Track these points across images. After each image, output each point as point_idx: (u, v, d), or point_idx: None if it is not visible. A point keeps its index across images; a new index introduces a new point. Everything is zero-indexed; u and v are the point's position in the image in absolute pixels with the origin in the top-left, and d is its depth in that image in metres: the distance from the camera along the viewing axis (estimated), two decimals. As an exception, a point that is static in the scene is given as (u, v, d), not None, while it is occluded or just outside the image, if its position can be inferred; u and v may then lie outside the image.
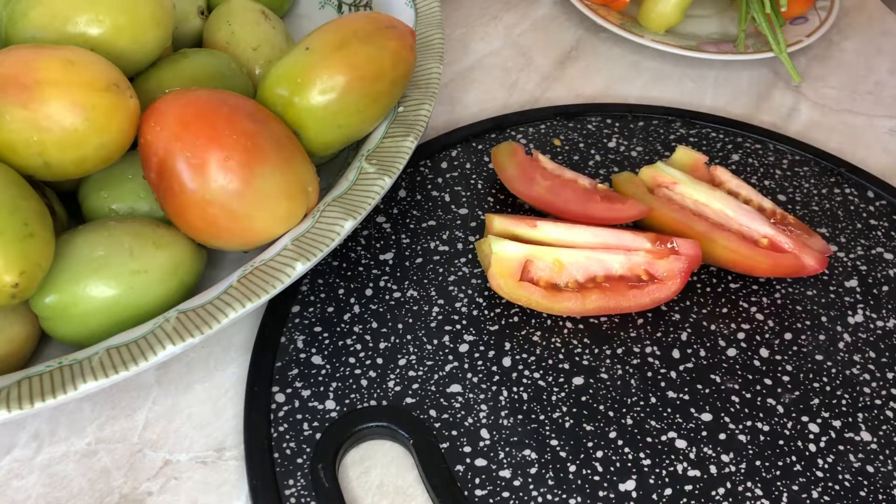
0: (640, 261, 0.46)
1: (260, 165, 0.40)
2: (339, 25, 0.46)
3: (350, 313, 0.46)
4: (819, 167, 0.56)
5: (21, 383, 0.36)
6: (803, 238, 0.48)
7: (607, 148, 0.56)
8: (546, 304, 0.45)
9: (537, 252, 0.45)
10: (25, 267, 0.36)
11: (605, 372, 0.44)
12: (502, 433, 0.41)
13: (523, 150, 0.52)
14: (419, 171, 0.53)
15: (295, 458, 0.40)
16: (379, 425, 0.41)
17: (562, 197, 0.49)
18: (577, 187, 0.50)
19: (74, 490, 0.39)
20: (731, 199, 0.49)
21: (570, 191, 0.49)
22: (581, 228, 0.46)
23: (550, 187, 0.49)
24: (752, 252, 0.46)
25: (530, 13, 0.71)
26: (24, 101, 0.37)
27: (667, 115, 0.59)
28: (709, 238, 0.47)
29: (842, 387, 0.44)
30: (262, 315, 0.45)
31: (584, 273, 0.45)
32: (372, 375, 0.43)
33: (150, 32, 0.44)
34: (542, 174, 0.50)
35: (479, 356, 0.44)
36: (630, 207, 0.48)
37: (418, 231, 0.50)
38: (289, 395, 0.42)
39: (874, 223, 0.52)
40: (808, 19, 0.67)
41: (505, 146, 0.52)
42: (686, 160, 0.52)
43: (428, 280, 0.47)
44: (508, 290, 0.45)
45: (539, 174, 0.50)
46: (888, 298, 0.48)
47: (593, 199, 0.49)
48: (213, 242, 0.43)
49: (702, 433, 0.41)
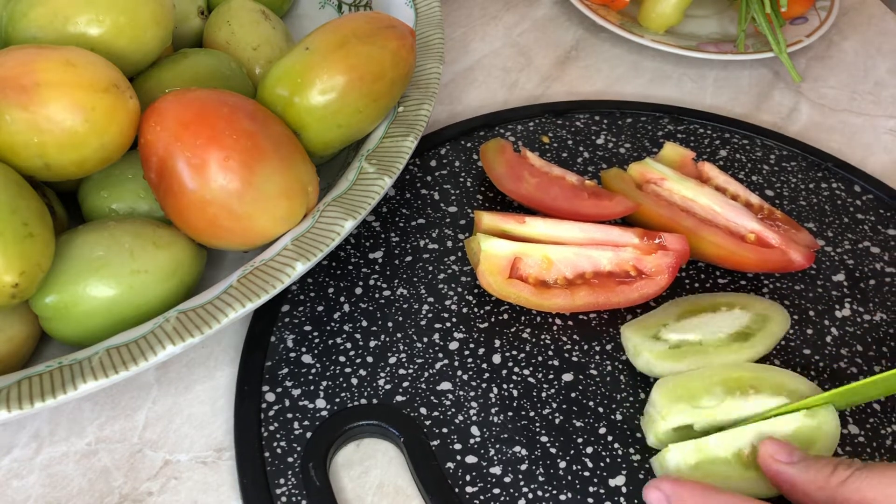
0: (628, 257, 0.46)
1: (260, 165, 0.40)
2: (338, 25, 0.46)
3: (340, 312, 0.46)
4: (806, 162, 0.56)
5: (21, 383, 0.36)
6: (790, 233, 0.48)
7: (596, 145, 0.56)
8: (535, 301, 0.45)
9: (526, 249, 0.45)
10: (25, 267, 0.36)
11: (594, 368, 0.44)
12: (492, 430, 0.41)
13: (511, 147, 0.52)
14: (409, 170, 0.53)
15: (286, 457, 0.40)
16: (369, 424, 0.41)
17: (550, 194, 0.49)
18: (564, 184, 0.50)
19: (74, 490, 0.40)
20: (718, 195, 0.49)
21: (559, 188, 0.50)
22: (569, 224, 0.47)
23: (539, 184, 0.50)
24: (739, 247, 0.46)
25: (530, 13, 0.71)
26: (25, 102, 0.37)
27: (655, 112, 0.59)
28: (696, 234, 0.47)
29: (829, 380, 0.44)
30: (252, 315, 0.45)
31: (572, 269, 0.46)
32: (362, 374, 0.43)
33: (150, 32, 0.44)
34: (531, 171, 0.51)
35: (469, 354, 0.44)
36: (617, 204, 0.48)
37: (408, 229, 0.50)
38: (279, 395, 0.42)
39: (861, 217, 0.52)
40: (808, 19, 0.67)
41: (493, 143, 0.52)
42: (674, 156, 0.52)
43: (417, 278, 0.47)
44: (498, 287, 0.45)
45: (527, 171, 0.50)
46: (875, 292, 0.48)
47: (581, 195, 0.49)
48: (213, 242, 0.43)
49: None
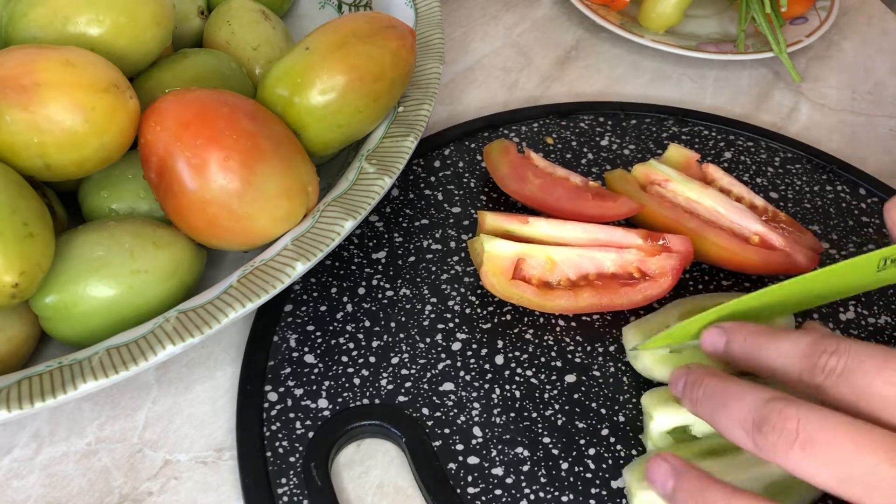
0: (631, 258, 0.46)
1: (260, 165, 0.40)
2: (338, 25, 0.46)
3: (343, 312, 0.46)
4: (811, 164, 0.56)
5: (21, 383, 0.36)
6: (795, 235, 0.48)
7: (600, 146, 0.56)
8: (538, 302, 0.45)
9: (529, 250, 0.45)
10: (25, 267, 0.36)
11: (597, 369, 0.44)
12: (495, 431, 0.41)
13: (515, 148, 0.52)
14: (412, 170, 0.53)
15: (287, 456, 0.40)
16: (372, 424, 0.41)
17: (554, 195, 0.49)
18: (568, 185, 0.50)
19: (74, 490, 0.40)
20: (722, 197, 0.49)
21: (562, 189, 0.49)
22: (572, 225, 0.46)
23: (542, 185, 0.50)
24: (743, 249, 0.46)
25: (530, 13, 0.71)
26: (24, 103, 0.37)
27: (659, 114, 0.59)
28: (700, 235, 0.47)
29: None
30: (255, 314, 0.45)
31: (576, 271, 0.46)
32: (364, 374, 0.43)
33: (150, 32, 0.44)
34: (534, 172, 0.50)
35: (472, 354, 0.44)
36: (621, 205, 0.48)
37: (411, 230, 0.50)
38: (281, 394, 0.42)
39: (866, 220, 0.52)
40: (808, 19, 0.67)
41: (497, 144, 0.52)
42: (678, 158, 0.52)
43: (421, 279, 0.47)
44: (501, 288, 0.45)
45: (531, 172, 0.50)
46: (879, 295, 0.48)
47: (585, 197, 0.49)
48: (213, 242, 0.43)
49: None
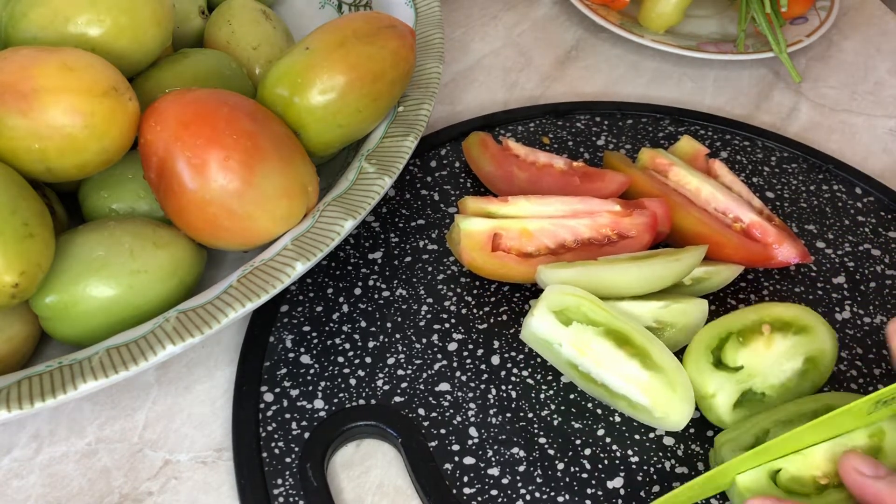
0: (605, 221, 0.46)
1: (260, 165, 0.40)
2: (338, 25, 0.46)
3: (339, 312, 0.46)
4: (807, 164, 0.56)
5: (21, 383, 0.36)
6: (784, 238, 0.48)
7: (596, 146, 0.56)
8: (522, 270, 0.44)
9: (504, 223, 0.45)
10: (25, 267, 0.36)
11: (594, 370, 0.44)
12: (491, 431, 0.41)
13: (492, 139, 0.52)
14: (409, 170, 0.53)
15: (283, 457, 0.40)
16: (367, 424, 0.41)
17: (543, 186, 0.49)
18: (554, 172, 0.50)
19: (74, 490, 0.40)
20: (721, 187, 0.49)
21: (549, 177, 0.50)
22: (551, 199, 0.46)
23: (529, 179, 0.50)
24: (722, 228, 0.47)
25: (530, 13, 0.71)
26: (24, 109, 0.37)
27: (656, 113, 0.59)
28: (683, 209, 0.47)
29: (829, 383, 0.44)
30: (251, 315, 0.45)
31: (553, 239, 0.46)
32: (360, 374, 0.43)
33: (151, 32, 0.44)
34: (518, 165, 0.50)
35: (468, 354, 0.44)
36: (609, 182, 0.48)
37: (407, 230, 0.50)
38: (277, 395, 0.42)
39: (862, 219, 0.52)
40: (808, 19, 0.67)
41: (473, 138, 0.52)
42: (688, 149, 0.53)
43: (417, 279, 0.47)
44: (482, 261, 0.44)
45: (515, 166, 0.50)
46: (875, 295, 0.48)
47: (572, 181, 0.49)
48: (213, 242, 0.43)
49: (689, 430, 0.42)
